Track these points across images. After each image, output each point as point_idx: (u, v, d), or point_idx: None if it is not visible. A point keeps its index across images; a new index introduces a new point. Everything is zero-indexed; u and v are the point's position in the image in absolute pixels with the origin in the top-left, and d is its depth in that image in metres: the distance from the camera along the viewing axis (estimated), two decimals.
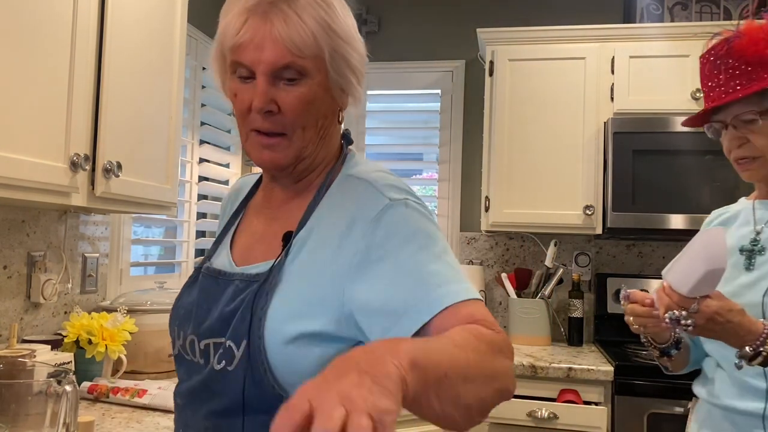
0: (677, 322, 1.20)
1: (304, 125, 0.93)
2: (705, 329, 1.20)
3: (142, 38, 1.84)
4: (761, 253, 1.35)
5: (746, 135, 1.32)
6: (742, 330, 1.19)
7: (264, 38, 0.89)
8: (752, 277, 1.33)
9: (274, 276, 0.90)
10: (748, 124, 1.31)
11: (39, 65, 1.44)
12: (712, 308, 1.19)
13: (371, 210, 0.88)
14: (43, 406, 1.15)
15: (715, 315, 1.18)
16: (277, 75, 0.90)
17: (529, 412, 2.35)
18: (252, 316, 0.88)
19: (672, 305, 1.21)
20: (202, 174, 2.97)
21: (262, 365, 0.86)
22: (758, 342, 1.19)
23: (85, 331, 1.72)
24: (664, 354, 1.42)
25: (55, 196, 1.52)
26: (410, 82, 3.34)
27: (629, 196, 2.57)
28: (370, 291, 0.84)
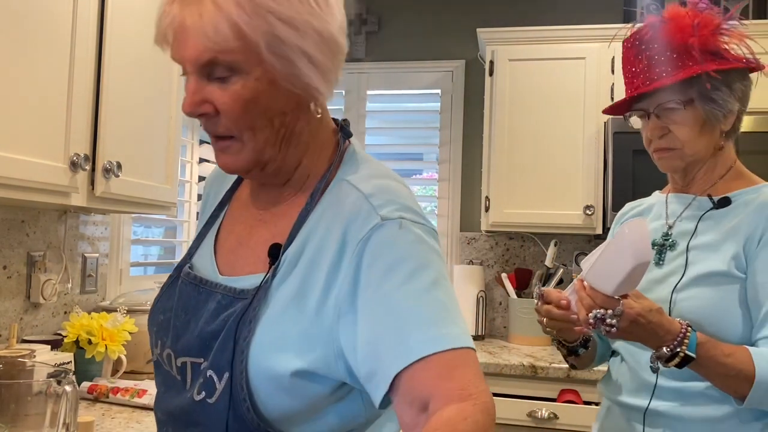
0: (602, 321, 1.13)
1: (252, 126, 0.81)
2: (626, 331, 1.14)
3: (142, 38, 1.84)
4: (672, 248, 1.29)
5: (668, 125, 1.26)
6: (662, 330, 1.14)
7: (184, 31, 0.77)
8: (662, 273, 1.28)
9: (260, 299, 0.81)
10: (670, 113, 1.25)
11: (39, 65, 1.44)
12: (635, 310, 1.13)
13: (361, 229, 0.79)
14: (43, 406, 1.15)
15: (638, 317, 1.12)
16: (208, 73, 0.79)
17: (529, 412, 2.35)
18: (235, 345, 0.79)
19: (595, 307, 1.14)
20: (202, 174, 2.97)
21: (245, 402, 0.78)
22: (675, 342, 1.13)
23: (84, 331, 1.72)
24: (572, 353, 1.38)
25: (55, 196, 1.52)
26: (410, 82, 3.34)
27: (629, 196, 2.55)
28: (355, 327, 0.76)
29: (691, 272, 1.23)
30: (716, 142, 1.27)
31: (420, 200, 3.45)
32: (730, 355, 1.13)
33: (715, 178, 1.30)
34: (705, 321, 1.18)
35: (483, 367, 2.44)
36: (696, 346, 1.13)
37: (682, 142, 1.26)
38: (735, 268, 1.19)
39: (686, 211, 1.31)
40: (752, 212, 1.21)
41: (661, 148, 1.29)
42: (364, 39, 3.37)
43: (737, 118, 1.28)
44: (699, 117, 1.24)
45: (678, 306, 1.22)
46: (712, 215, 1.27)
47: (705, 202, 1.29)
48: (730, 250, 1.20)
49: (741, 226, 1.22)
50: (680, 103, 1.24)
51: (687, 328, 1.14)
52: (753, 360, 1.12)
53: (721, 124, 1.26)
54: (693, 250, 1.25)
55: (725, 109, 1.24)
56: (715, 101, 1.23)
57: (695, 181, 1.31)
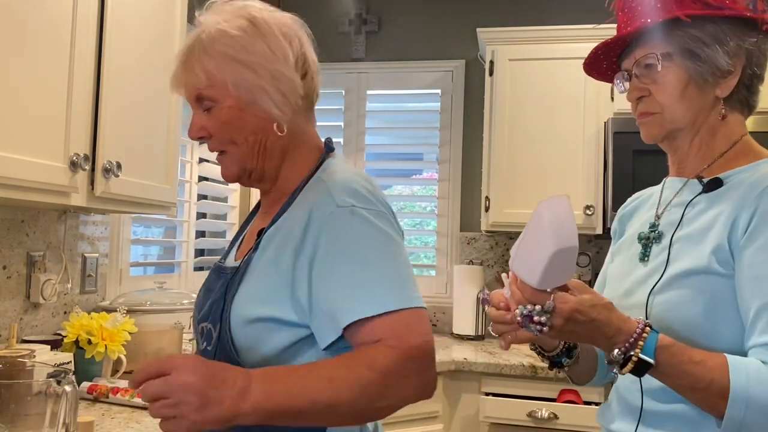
0: (529, 319, 0.93)
1: (233, 142, 1.07)
2: (564, 331, 0.94)
3: (142, 38, 1.84)
4: (657, 241, 1.09)
5: (647, 86, 1.07)
6: (611, 329, 0.94)
7: (179, 79, 1.10)
8: (645, 271, 1.09)
9: (244, 267, 1.05)
10: (649, 71, 1.06)
11: (39, 65, 1.44)
12: (569, 305, 0.92)
13: (321, 213, 1.00)
14: (42, 406, 1.15)
15: (575, 313, 0.92)
16: (200, 105, 1.08)
17: (529, 412, 2.35)
18: (224, 302, 1.03)
19: (523, 302, 0.94)
20: (202, 174, 2.97)
21: (229, 344, 1.01)
22: (628, 344, 0.93)
23: (84, 331, 1.72)
24: (555, 364, 1.17)
25: (55, 196, 1.52)
26: (410, 81, 3.34)
27: (629, 196, 2.56)
28: (312, 290, 0.98)
29: (671, 270, 1.04)
30: (706, 109, 1.06)
31: (420, 200, 3.46)
32: (700, 362, 0.92)
33: (713, 155, 1.08)
34: (684, 329, 0.99)
35: (483, 366, 2.44)
36: (655, 349, 0.93)
37: (661, 106, 1.07)
38: (717, 263, 0.99)
39: (677, 197, 1.11)
40: (741, 194, 1.00)
41: (641, 113, 1.11)
42: (364, 39, 3.37)
43: (744, 85, 1.06)
44: (681, 76, 1.04)
45: (654, 311, 1.03)
46: (700, 200, 1.06)
47: (696, 184, 1.08)
48: (712, 241, 1.00)
49: (726, 211, 1.00)
50: (656, 58, 1.05)
51: (644, 328, 0.94)
52: (728, 369, 0.91)
53: (713, 88, 1.05)
54: (676, 244, 1.05)
55: (714, 68, 1.03)
56: (698, 56, 1.03)
57: (689, 159, 1.11)
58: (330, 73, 3.39)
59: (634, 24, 1.06)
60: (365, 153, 3.36)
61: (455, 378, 2.50)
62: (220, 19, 1.06)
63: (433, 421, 2.46)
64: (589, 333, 0.95)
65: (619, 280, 1.15)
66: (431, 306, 3.21)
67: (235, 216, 3.31)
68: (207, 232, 3.18)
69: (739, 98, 1.07)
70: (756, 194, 0.98)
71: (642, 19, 1.05)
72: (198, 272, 3.00)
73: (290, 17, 1.12)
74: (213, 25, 1.05)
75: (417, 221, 3.44)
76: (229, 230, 3.29)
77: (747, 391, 0.89)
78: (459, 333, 2.98)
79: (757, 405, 0.89)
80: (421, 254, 3.47)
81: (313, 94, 1.13)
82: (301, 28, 1.13)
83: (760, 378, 0.90)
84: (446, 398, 2.50)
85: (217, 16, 1.07)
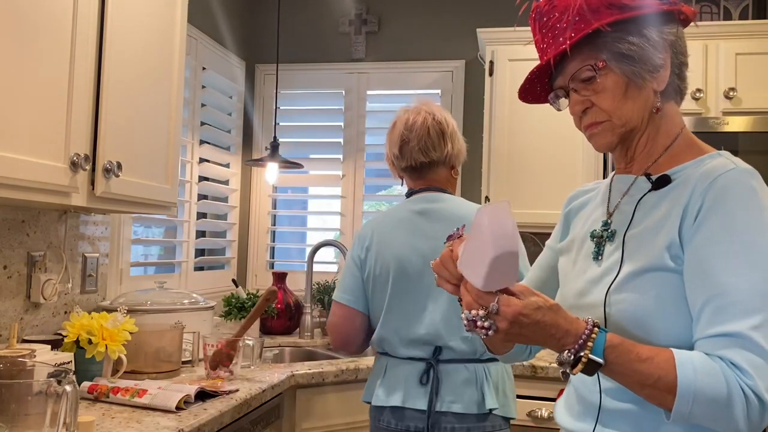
0: (474, 324, 0.94)
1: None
2: (510, 333, 0.94)
3: (142, 38, 1.84)
4: (610, 239, 1.09)
5: (589, 97, 1.07)
6: (558, 331, 0.94)
7: None
8: (600, 271, 1.08)
9: None
10: (587, 84, 1.07)
11: (39, 65, 1.44)
12: (513, 308, 0.92)
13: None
14: (43, 406, 1.15)
15: (519, 316, 0.92)
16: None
17: (529, 412, 2.35)
18: None
19: (472, 303, 0.94)
20: (202, 174, 2.97)
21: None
22: (577, 345, 0.94)
23: (85, 331, 1.72)
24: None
25: (55, 196, 1.52)
26: (410, 82, 3.34)
27: None
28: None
29: (626, 269, 1.03)
30: (650, 104, 1.08)
31: None
32: (648, 359, 0.93)
33: (658, 150, 1.10)
34: (641, 328, 0.99)
35: None
36: (604, 349, 0.94)
37: (607, 113, 1.07)
38: (670, 259, 1.00)
39: (627, 195, 1.11)
40: (689, 190, 1.01)
41: (589, 125, 1.10)
42: (364, 39, 3.37)
43: (675, 74, 1.09)
44: (619, 80, 1.06)
45: (611, 311, 1.03)
46: (650, 197, 1.07)
47: (644, 182, 1.09)
48: (665, 238, 1.01)
49: (675, 207, 1.02)
50: (591, 69, 1.05)
51: (593, 329, 0.95)
52: (675, 364, 0.92)
53: (651, 83, 1.07)
54: (629, 242, 1.05)
55: (649, 65, 1.06)
56: (630, 57, 1.05)
57: (636, 156, 1.12)
58: (330, 73, 3.39)
59: (558, 44, 1.07)
60: (365, 153, 3.36)
61: None
62: None
63: None
64: (536, 335, 0.95)
65: (573, 280, 1.14)
66: None
67: (235, 216, 3.31)
68: (207, 232, 3.18)
69: (672, 88, 1.10)
70: (702, 189, 0.99)
71: (563, 37, 1.06)
72: (198, 272, 3.01)
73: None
74: None
75: None
76: (229, 230, 3.29)
77: (694, 384, 0.91)
78: None
79: (704, 397, 0.90)
80: None
81: None
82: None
83: (706, 371, 0.91)
84: None
85: None
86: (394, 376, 1.75)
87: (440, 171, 1.83)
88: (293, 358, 2.73)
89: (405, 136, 1.79)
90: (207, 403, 1.64)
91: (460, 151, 1.85)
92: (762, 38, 2.61)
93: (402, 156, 1.80)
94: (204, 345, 1.92)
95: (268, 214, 3.44)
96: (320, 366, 2.23)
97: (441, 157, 1.80)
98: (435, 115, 1.80)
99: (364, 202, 3.35)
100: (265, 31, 3.43)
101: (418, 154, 1.78)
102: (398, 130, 1.81)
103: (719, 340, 0.93)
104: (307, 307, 2.89)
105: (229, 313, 2.69)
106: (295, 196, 3.66)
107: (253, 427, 1.84)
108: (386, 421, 1.73)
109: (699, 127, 2.50)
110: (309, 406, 2.18)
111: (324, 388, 2.20)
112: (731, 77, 2.60)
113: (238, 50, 3.29)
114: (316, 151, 3.56)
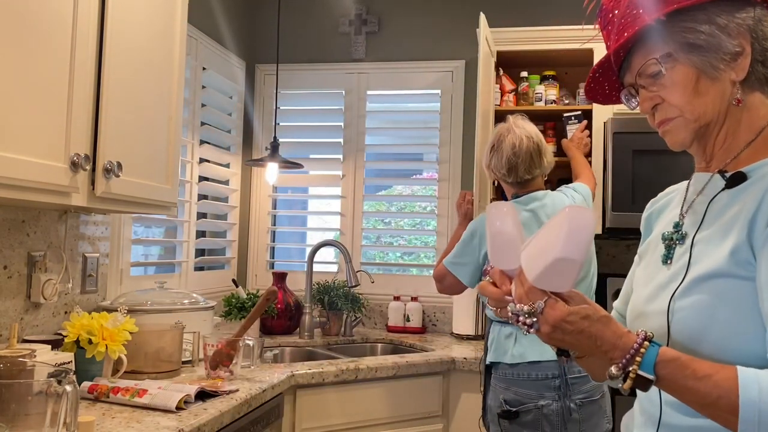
0: (516, 318, 0.93)
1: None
2: (553, 338, 0.91)
3: (142, 38, 1.84)
4: (681, 242, 1.03)
5: (658, 93, 1.02)
6: (605, 344, 0.90)
7: None
8: (668, 275, 1.02)
9: None
10: (655, 79, 1.01)
11: (39, 65, 1.44)
12: (556, 313, 0.89)
13: None
14: (43, 405, 1.16)
15: (562, 322, 0.89)
16: None
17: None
18: None
19: (522, 297, 0.92)
20: (202, 174, 2.97)
21: None
22: (625, 360, 0.89)
23: (85, 330, 1.72)
24: (562, 353, 1.05)
25: (56, 196, 1.52)
26: (410, 82, 3.35)
27: (629, 196, 2.57)
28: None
29: (691, 274, 0.97)
30: (728, 96, 0.99)
31: (420, 200, 3.46)
32: (706, 377, 0.86)
33: (739, 145, 1.01)
34: (703, 340, 0.92)
35: None
36: (656, 364, 0.88)
37: (678, 108, 1.00)
38: (736, 264, 0.91)
39: (701, 194, 1.04)
40: (763, 189, 0.93)
41: (660, 122, 1.04)
42: (364, 39, 3.37)
43: (758, 61, 0.99)
44: (688, 72, 0.99)
45: (675, 318, 0.97)
46: (722, 196, 1.00)
47: (719, 180, 1.01)
48: (731, 241, 0.93)
49: (746, 208, 0.94)
50: (657, 62, 1.00)
51: (642, 342, 0.89)
52: (738, 384, 0.84)
53: (727, 72, 0.98)
54: (698, 245, 0.99)
55: (721, 53, 0.98)
56: (700, 47, 0.98)
57: (715, 153, 1.03)
58: (330, 73, 3.40)
59: (621, 37, 1.02)
60: (365, 153, 3.36)
61: (455, 377, 2.50)
62: None
63: (432, 420, 2.46)
64: (580, 345, 0.92)
65: (643, 285, 1.09)
66: (431, 306, 3.21)
67: (235, 216, 3.31)
68: (207, 232, 3.18)
69: (757, 77, 1.00)
70: None
71: (628, 29, 1.01)
72: (198, 272, 3.01)
73: None
74: None
75: (417, 221, 3.45)
76: (229, 230, 3.29)
77: (758, 406, 0.82)
78: (459, 333, 2.99)
79: None
80: (421, 254, 3.47)
81: None
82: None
83: None
84: (446, 397, 2.51)
85: None
86: (527, 339, 2.03)
87: (539, 180, 2.24)
88: (293, 358, 2.73)
89: (513, 162, 2.16)
90: (207, 403, 1.65)
91: (551, 163, 2.24)
92: None
93: (509, 174, 2.19)
94: (204, 345, 1.93)
95: (268, 214, 3.44)
96: (320, 366, 2.23)
97: (540, 172, 2.22)
98: (532, 138, 2.17)
99: (364, 202, 3.35)
100: (265, 31, 3.44)
101: (524, 174, 2.18)
102: (506, 154, 2.16)
103: None
104: (307, 307, 2.89)
105: (229, 313, 2.69)
106: (295, 196, 3.66)
107: (253, 427, 1.85)
108: (525, 374, 2.06)
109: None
110: (309, 406, 2.18)
111: (324, 388, 2.21)
112: None
113: (238, 50, 3.29)
114: (316, 151, 3.56)
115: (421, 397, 2.43)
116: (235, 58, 3.27)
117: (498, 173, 2.23)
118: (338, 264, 3.32)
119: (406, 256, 3.50)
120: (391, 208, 3.47)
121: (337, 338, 2.93)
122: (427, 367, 2.43)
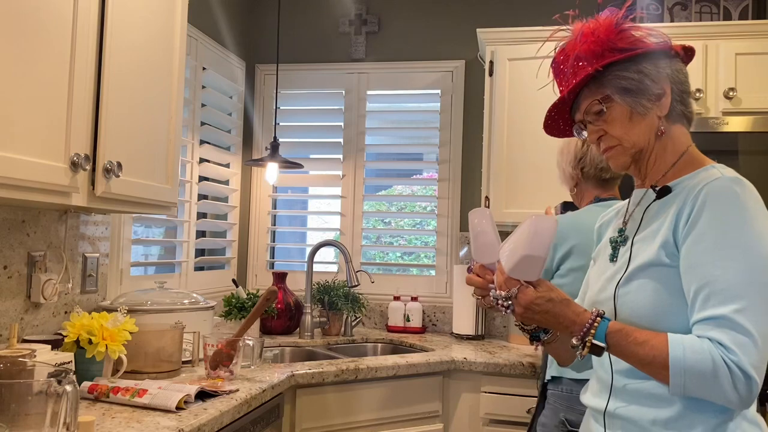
0: (497, 302, 1.20)
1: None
2: (525, 317, 1.19)
3: (142, 38, 1.84)
4: (623, 243, 1.29)
5: (601, 127, 1.28)
6: (566, 320, 1.16)
7: None
8: (613, 269, 1.28)
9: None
10: (599, 116, 1.27)
11: (39, 65, 1.44)
12: (527, 297, 1.16)
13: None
14: (43, 405, 1.16)
15: (532, 304, 1.16)
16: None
17: (529, 410, 2.35)
18: None
19: (501, 284, 1.19)
20: (202, 174, 2.97)
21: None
22: (582, 332, 1.15)
23: (85, 330, 1.72)
24: (534, 339, 1.34)
25: (56, 196, 1.52)
26: (410, 82, 3.35)
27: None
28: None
29: (631, 266, 1.23)
30: (655, 128, 1.25)
31: (420, 200, 3.46)
32: (644, 342, 1.12)
33: (666, 166, 1.28)
34: (643, 316, 1.18)
35: (483, 366, 2.45)
36: (606, 334, 1.14)
37: (617, 138, 1.26)
38: (665, 256, 1.17)
39: (638, 206, 1.31)
40: (683, 197, 1.19)
41: (604, 149, 1.30)
42: (364, 39, 3.37)
43: (677, 100, 1.26)
44: (623, 110, 1.25)
45: (619, 302, 1.22)
46: (654, 206, 1.26)
47: (651, 193, 1.28)
48: (660, 238, 1.19)
49: (671, 212, 1.20)
50: (599, 103, 1.26)
51: (596, 318, 1.15)
52: (668, 346, 1.09)
53: (654, 110, 1.24)
54: (636, 244, 1.25)
55: (649, 94, 1.24)
56: (630, 90, 1.24)
57: (648, 173, 1.30)
58: (330, 73, 3.40)
59: (570, 83, 1.29)
60: (365, 153, 3.36)
61: (455, 377, 2.50)
62: None
63: (432, 420, 2.46)
64: (547, 321, 1.19)
65: (595, 280, 1.34)
66: (431, 306, 3.21)
67: (235, 216, 3.31)
68: (207, 232, 3.18)
69: (676, 113, 1.27)
70: (692, 196, 1.17)
71: (577, 76, 1.27)
72: (198, 272, 3.01)
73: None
74: None
75: (417, 221, 3.45)
76: (229, 230, 3.29)
77: (683, 361, 1.08)
78: (459, 333, 2.99)
79: (693, 372, 1.07)
80: (421, 254, 3.47)
81: None
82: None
83: (695, 349, 1.08)
84: (446, 397, 2.51)
85: None
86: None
87: (618, 183, 2.21)
88: (293, 358, 2.73)
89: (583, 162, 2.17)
90: (207, 403, 1.65)
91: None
92: (762, 38, 2.61)
93: (608, 169, 2.12)
94: (204, 345, 1.93)
95: (268, 214, 3.44)
96: (320, 366, 2.23)
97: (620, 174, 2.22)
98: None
99: (364, 202, 3.35)
100: (265, 31, 3.44)
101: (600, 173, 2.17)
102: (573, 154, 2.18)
103: (708, 323, 1.09)
104: (307, 307, 2.89)
105: (229, 313, 2.69)
106: (295, 196, 3.66)
107: (253, 427, 1.85)
108: (568, 390, 1.95)
109: (699, 128, 2.49)
110: (309, 406, 2.18)
111: (324, 388, 2.21)
112: (731, 77, 2.59)
113: (238, 50, 3.29)
114: (316, 151, 3.56)
115: (421, 398, 2.43)
116: (235, 58, 3.27)
117: (595, 168, 2.12)
118: (338, 264, 3.32)
119: (406, 256, 3.50)
120: (391, 208, 3.47)
121: (337, 338, 2.93)
122: (427, 367, 2.43)
